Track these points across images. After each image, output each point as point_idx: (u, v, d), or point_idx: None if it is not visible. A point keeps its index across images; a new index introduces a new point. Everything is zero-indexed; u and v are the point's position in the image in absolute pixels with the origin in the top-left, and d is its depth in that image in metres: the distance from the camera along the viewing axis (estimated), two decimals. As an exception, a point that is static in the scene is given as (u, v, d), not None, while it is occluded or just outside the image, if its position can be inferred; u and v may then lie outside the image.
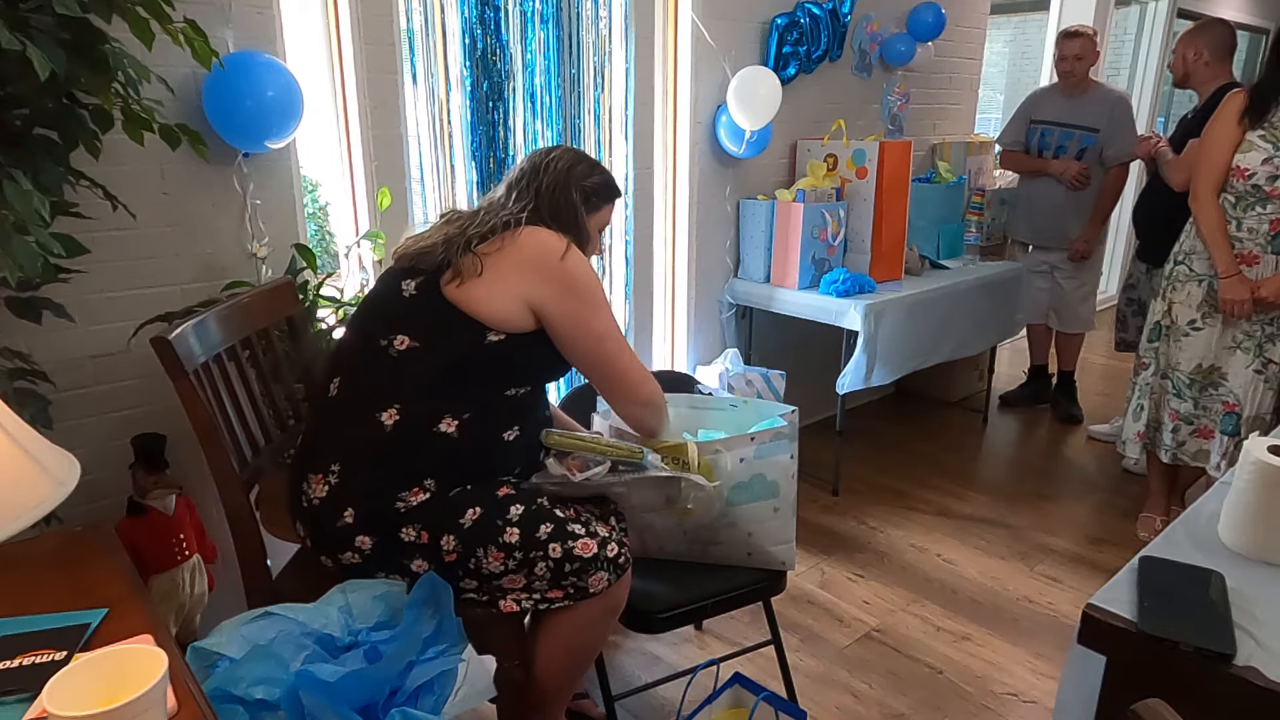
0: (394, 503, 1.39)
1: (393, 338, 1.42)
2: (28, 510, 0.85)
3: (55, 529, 1.35)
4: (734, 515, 1.66)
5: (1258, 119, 2.31)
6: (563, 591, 1.42)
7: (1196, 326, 2.51)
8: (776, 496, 1.67)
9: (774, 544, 1.70)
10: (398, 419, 1.40)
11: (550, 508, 1.44)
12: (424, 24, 2.24)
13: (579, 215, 1.58)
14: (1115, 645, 1.09)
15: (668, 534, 1.69)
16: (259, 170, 1.99)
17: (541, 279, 1.45)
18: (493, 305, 1.43)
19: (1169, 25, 5.42)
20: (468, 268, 1.43)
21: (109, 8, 1.30)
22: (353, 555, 1.39)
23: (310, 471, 1.42)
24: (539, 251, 1.46)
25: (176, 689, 0.88)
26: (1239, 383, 2.47)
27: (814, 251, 2.94)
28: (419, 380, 1.42)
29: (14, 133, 1.35)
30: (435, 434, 1.41)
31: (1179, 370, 2.55)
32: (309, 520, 1.43)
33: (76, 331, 1.78)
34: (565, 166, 1.59)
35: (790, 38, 3.04)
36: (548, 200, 1.55)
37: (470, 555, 1.38)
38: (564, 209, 1.56)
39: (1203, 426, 2.56)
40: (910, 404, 4.04)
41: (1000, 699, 2.02)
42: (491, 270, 1.43)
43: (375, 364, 1.43)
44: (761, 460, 1.65)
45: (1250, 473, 1.25)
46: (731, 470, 1.64)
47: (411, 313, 1.45)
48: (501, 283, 1.43)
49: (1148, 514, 2.82)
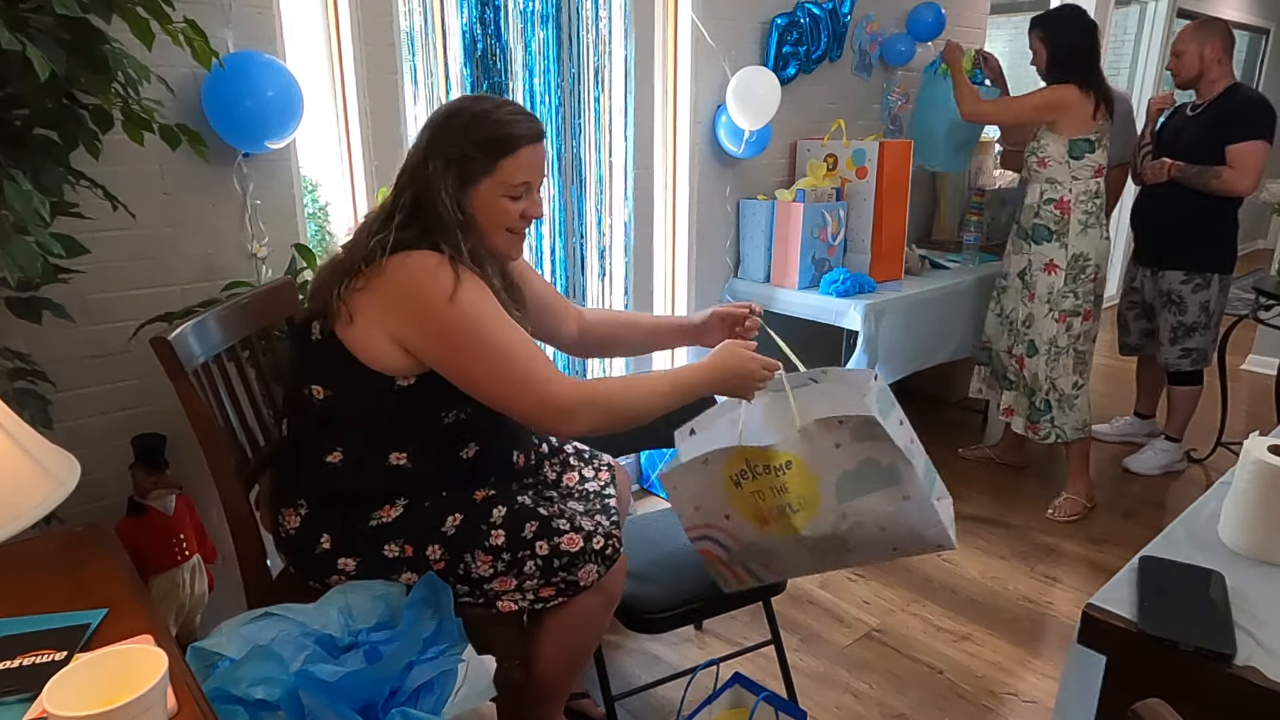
0: (368, 522, 1.37)
1: (311, 387, 1.36)
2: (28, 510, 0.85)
3: (55, 529, 1.35)
4: (855, 512, 1.39)
5: None
6: (554, 589, 1.41)
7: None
8: (898, 484, 1.36)
9: (920, 531, 1.40)
10: (343, 459, 1.37)
11: (533, 506, 1.42)
12: (424, 24, 2.23)
13: (443, 199, 1.28)
14: (1115, 645, 1.09)
15: (791, 554, 1.48)
16: (259, 170, 1.99)
17: (404, 319, 1.27)
18: (370, 350, 1.30)
19: (1169, 25, 5.42)
20: (338, 314, 1.29)
21: (109, 8, 1.30)
22: (339, 579, 1.38)
23: (282, 506, 1.42)
24: (395, 292, 1.26)
25: (176, 689, 0.88)
26: (988, 324, 3.12)
27: (814, 251, 2.94)
28: (348, 427, 1.37)
29: (14, 133, 1.35)
30: (388, 466, 1.38)
31: None
32: (289, 551, 1.43)
33: (76, 331, 1.78)
34: (430, 134, 1.31)
35: (790, 38, 3.04)
36: (414, 185, 1.30)
37: (458, 562, 1.37)
38: (430, 192, 1.29)
39: (975, 366, 3.24)
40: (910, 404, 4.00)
41: (1000, 699, 2.02)
42: (361, 313, 1.28)
43: (306, 408, 1.38)
44: (863, 443, 1.35)
45: (1250, 473, 1.25)
46: (830, 461, 1.37)
47: (320, 362, 1.35)
48: (373, 325, 1.28)
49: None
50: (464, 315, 1.26)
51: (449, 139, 1.30)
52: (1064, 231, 2.78)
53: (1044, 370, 2.86)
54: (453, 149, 1.29)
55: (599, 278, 2.81)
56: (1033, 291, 2.87)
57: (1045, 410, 2.89)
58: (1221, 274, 3.00)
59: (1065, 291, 2.80)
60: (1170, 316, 3.05)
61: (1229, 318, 3.25)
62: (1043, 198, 2.82)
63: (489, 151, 1.30)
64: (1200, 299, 2.99)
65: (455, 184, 1.30)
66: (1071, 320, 2.81)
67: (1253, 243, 7.97)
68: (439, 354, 1.29)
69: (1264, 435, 1.33)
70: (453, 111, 1.33)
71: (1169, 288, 3.02)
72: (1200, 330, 3.03)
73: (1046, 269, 2.82)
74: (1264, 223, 7.96)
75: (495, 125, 1.30)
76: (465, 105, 1.34)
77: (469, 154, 1.30)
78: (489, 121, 1.30)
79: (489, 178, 1.32)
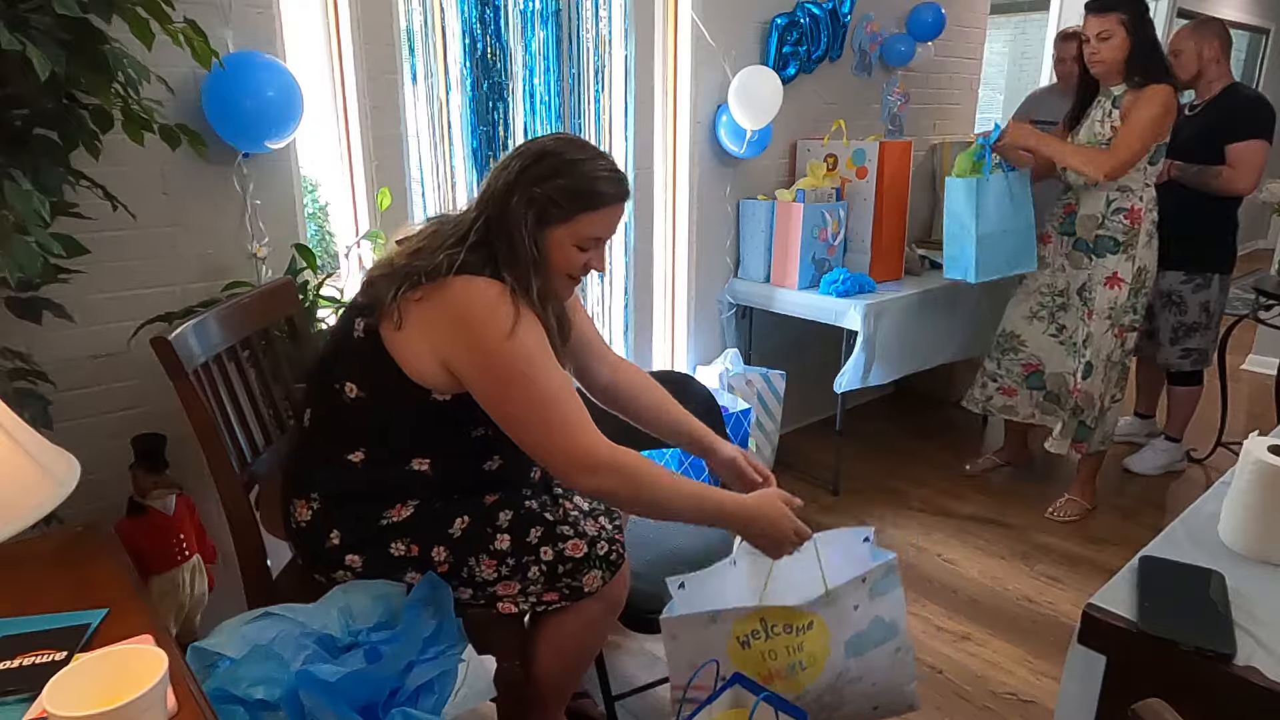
0: (379, 521, 1.37)
1: (344, 383, 1.36)
2: (28, 510, 0.85)
3: (55, 529, 1.35)
4: (857, 668, 1.49)
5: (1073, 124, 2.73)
6: (558, 593, 1.41)
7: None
8: (896, 635, 1.51)
9: (900, 688, 1.55)
10: (364, 459, 1.37)
11: (539, 510, 1.42)
12: (424, 24, 2.23)
13: (523, 237, 1.29)
14: (1115, 645, 1.09)
15: None
16: (259, 170, 1.99)
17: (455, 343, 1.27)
18: (413, 362, 1.30)
19: (1169, 25, 5.42)
20: (389, 316, 1.29)
21: (109, 8, 1.30)
22: (345, 574, 1.39)
23: (295, 496, 1.42)
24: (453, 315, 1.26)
25: (176, 689, 0.88)
26: (1036, 346, 2.89)
27: (814, 251, 2.94)
28: (376, 429, 1.37)
29: (14, 133, 1.35)
30: (408, 471, 1.38)
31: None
32: (299, 541, 1.43)
33: (76, 331, 1.78)
34: (520, 166, 1.31)
35: (790, 38, 3.04)
36: (496, 217, 1.31)
37: (463, 565, 1.37)
38: (510, 230, 1.30)
39: (1006, 386, 2.97)
40: (910, 404, 4.03)
41: (1000, 699, 2.02)
42: (413, 324, 1.28)
43: (335, 405, 1.38)
44: (876, 599, 1.47)
45: (1250, 473, 1.26)
46: (848, 620, 1.45)
47: (359, 360, 1.34)
48: (423, 339, 1.29)
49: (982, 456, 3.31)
50: (516, 355, 1.25)
51: (536, 178, 1.30)
52: (1132, 243, 2.58)
53: (1099, 389, 2.71)
54: (537, 189, 1.29)
55: (599, 278, 2.81)
56: (1091, 308, 2.68)
57: (1092, 429, 2.76)
58: (1222, 274, 3.00)
59: (1127, 306, 2.63)
60: (1170, 317, 3.04)
61: (1229, 318, 3.24)
62: (1110, 207, 2.60)
63: (571, 202, 1.30)
64: (1201, 299, 2.99)
65: (533, 222, 1.30)
66: (1127, 336, 2.68)
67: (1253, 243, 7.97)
68: (483, 384, 1.29)
69: (1264, 435, 1.33)
70: (547, 150, 1.32)
71: (1169, 288, 3.02)
72: (1201, 330, 3.03)
73: (1108, 283, 2.62)
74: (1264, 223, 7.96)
75: (583, 178, 1.31)
76: (560, 149, 1.33)
77: (553, 199, 1.30)
78: (578, 173, 1.31)
79: (565, 226, 1.32)
